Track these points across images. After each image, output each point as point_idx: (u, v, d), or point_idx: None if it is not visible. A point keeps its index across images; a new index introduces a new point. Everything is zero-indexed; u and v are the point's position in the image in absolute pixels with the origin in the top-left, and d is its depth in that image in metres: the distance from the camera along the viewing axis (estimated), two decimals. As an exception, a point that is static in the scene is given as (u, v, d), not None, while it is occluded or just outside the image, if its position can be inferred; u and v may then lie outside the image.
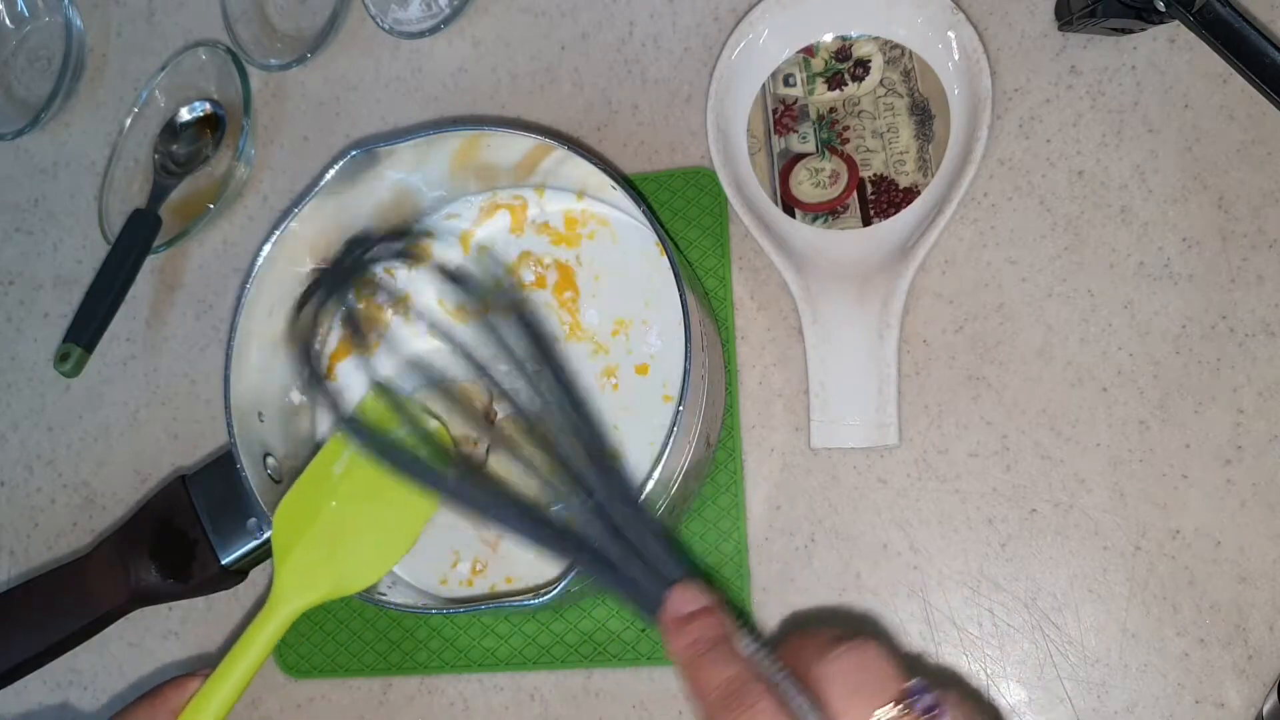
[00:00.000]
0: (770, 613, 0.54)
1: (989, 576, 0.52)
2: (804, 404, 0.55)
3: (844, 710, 0.32)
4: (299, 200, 0.51)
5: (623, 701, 0.55)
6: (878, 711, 0.32)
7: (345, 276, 0.52)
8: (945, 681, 0.51)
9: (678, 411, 0.46)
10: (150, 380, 0.65)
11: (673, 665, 0.54)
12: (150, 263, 0.65)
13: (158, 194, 0.65)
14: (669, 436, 0.46)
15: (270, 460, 0.53)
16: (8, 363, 0.68)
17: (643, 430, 0.54)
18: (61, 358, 0.61)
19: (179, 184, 0.66)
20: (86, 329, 0.62)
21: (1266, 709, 0.47)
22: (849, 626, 0.43)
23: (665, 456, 0.45)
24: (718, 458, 0.55)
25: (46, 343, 0.68)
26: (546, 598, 0.47)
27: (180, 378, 0.65)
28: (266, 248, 0.51)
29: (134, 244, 0.63)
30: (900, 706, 0.32)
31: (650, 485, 0.45)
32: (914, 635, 0.52)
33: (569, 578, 0.45)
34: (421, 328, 0.57)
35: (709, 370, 0.50)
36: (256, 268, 0.51)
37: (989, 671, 0.51)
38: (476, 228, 0.58)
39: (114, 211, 0.66)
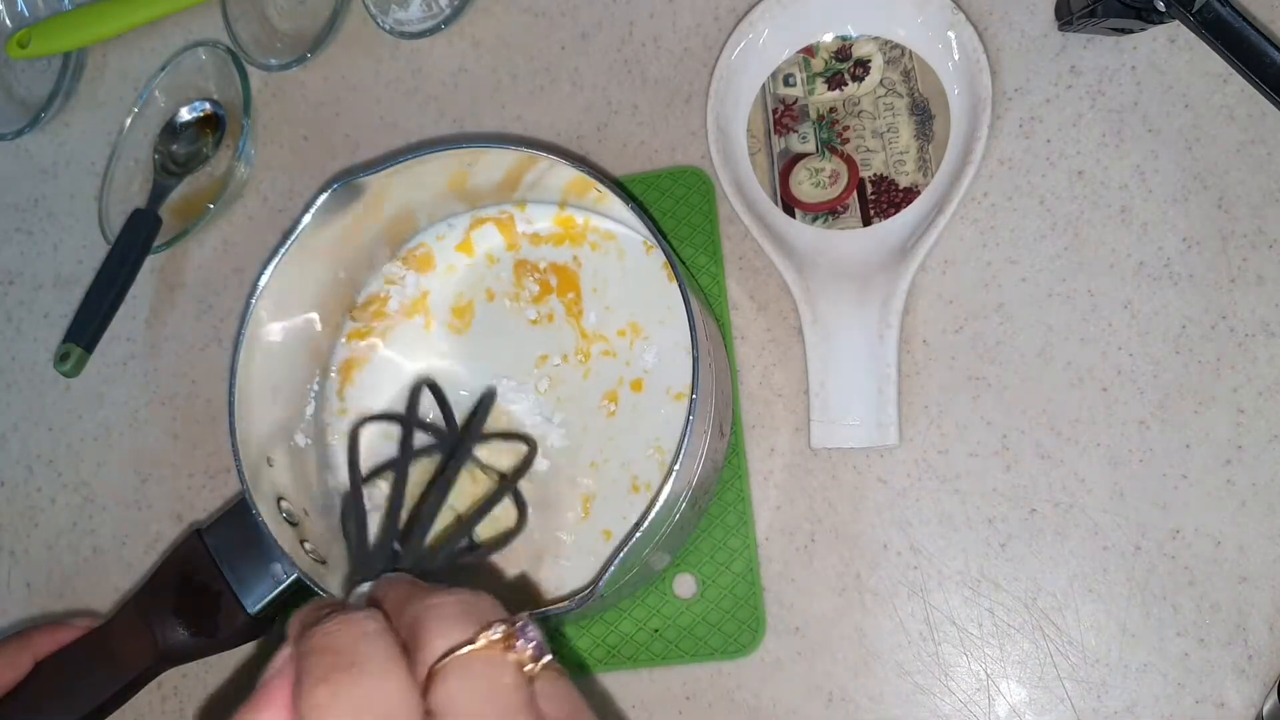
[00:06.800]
0: (768, 613, 0.54)
1: (989, 576, 0.52)
2: (804, 404, 0.55)
3: (438, 631, 0.29)
4: (284, 240, 0.51)
5: (622, 702, 0.55)
6: (484, 633, 0.29)
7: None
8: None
9: (692, 400, 0.45)
10: (150, 380, 0.65)
11: (667, 665, 0.55)
12: (150, 263, 0.65)
13: (158, 194, 0.65)
14: (686, 425, 0.45)
15: (284, 504, 0.52)
16: (8, 363, 0.68)
17: (647, 432, 0.54)
18: (61, 358, 0.61)
19: (179, 184, 0.66)
20: (86, 329, 0.62)
21: (1266, 709, 0.47)
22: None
23: (686, 442, 0.45)
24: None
25: (46, 343, 0.68)
26: (586, 603, 0.46)
27: (180, 378, 0.65)
28: (254, 300, 0.51)
29: (134, 244, 0.63)
30: (505, 627, 0.29)
31: (676, 468, 0.45)
32: (914, 635, 0.52)
33: (603, 581, 0.45)
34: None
35: (715, 360, 0.50)
36: (250, 314, 0.51)
37: (989, 671, 0.51)
38: (472, 234, 0.58)
39: (114, 211, 0.66)
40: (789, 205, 0.57)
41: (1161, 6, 0.50)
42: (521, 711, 0.29)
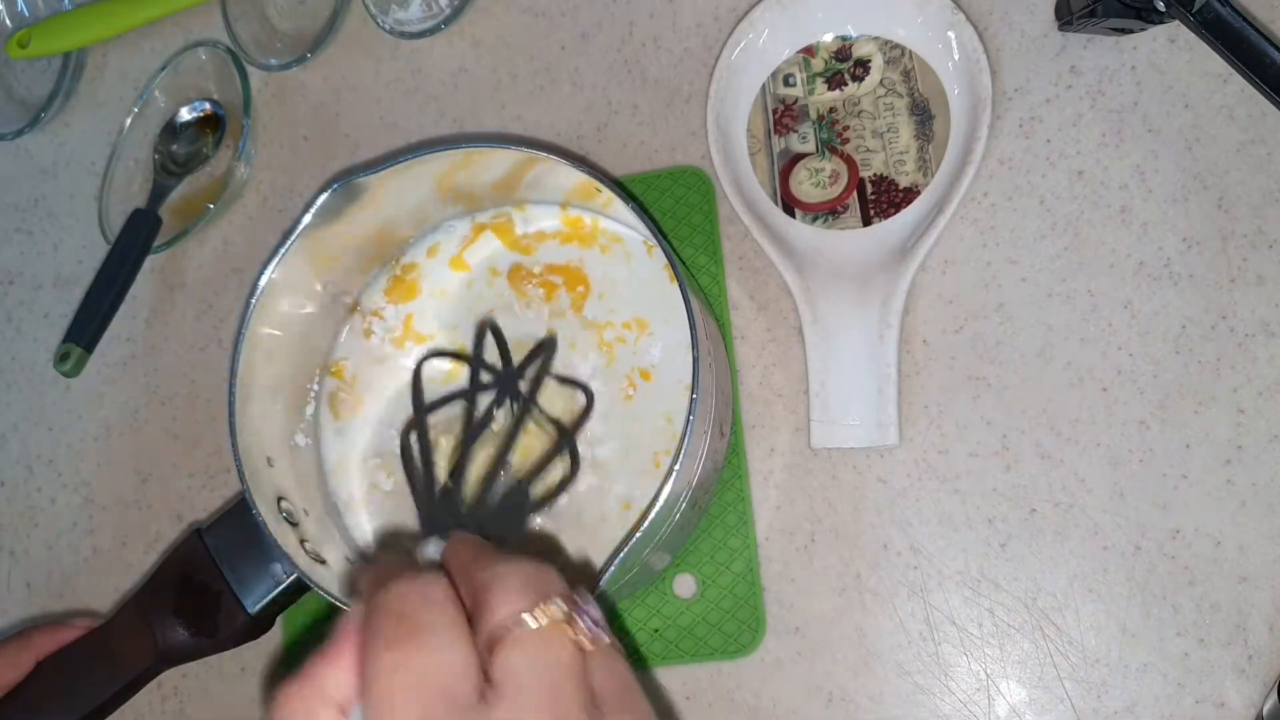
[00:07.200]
0: (768, 613, 0.54)
1: (989, 576, 0.52)
2: (804, 404, 0.55)
3: (502, 601, 0.30)
4: (284, 240, 0.51)
5: (623, 701, 0.55)
6: (543, 606, 0.30)
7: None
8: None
9: (692, 400, 0.45)
10: (150, 380, 0.65)
11: (667, 665, 0.54)
12: (150, 263, 0.65)
13: (158, 194, 0.65)
14: (686, 425, 0.45)
15: (284, 504, 0.52)
16: (8, 363, 0.68)
17: (646, 435, 0.54)
18: (61, 358, 0.61)
19: (179, 184, 0.66)
20: (86, 329, 0.62)
21: (1266, 709, 0.47)
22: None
23: (686, 442, 0.45)
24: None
25: (46, 343, 0.68)
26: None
27: (180, 378, 0.65)
28: (255, 300, 0.51)
29: (134, 244, 0.63)
30: (566, 604, 0.31)
31: (676, 468, 0.45)
32: (914, 635, 0.52)
33: (603, 581, 0.45)
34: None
35: (715, 360, 0.50)
36: (250, 314, 0.51)
37: (989, 671, 0.51)
38: (463, 251, 0.58)
39: (114, 211, 0.66)
40: (789, 205, 0.57)
41: (1161, 6, 0.50)
42: (576, 684, 0.30)
